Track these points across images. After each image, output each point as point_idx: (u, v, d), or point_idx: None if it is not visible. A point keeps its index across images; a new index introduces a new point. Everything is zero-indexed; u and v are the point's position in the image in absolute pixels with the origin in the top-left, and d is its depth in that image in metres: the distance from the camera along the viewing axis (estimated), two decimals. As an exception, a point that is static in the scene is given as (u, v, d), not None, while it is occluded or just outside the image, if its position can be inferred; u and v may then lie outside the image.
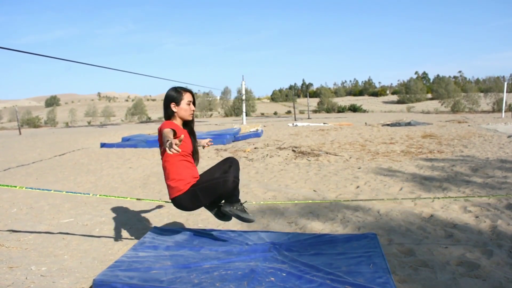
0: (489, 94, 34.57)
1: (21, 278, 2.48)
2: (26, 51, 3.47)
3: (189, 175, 2.61)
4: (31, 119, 36.57)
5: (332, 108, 41.15)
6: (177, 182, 2.58)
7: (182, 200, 2.60)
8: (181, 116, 2.64)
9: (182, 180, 2.58)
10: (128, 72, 13.39)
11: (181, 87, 2.65)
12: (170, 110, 2.62)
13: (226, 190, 2.52)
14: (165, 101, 2.63)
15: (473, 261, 2.54)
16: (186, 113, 2.63)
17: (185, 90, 2.64)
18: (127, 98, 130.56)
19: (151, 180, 5.92)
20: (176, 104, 2.60)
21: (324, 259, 2.46)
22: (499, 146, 8.29)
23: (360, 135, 11.46)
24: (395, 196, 4.38)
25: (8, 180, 6.21)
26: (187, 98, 2.62)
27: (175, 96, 2.60)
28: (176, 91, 2.62)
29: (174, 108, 2.61)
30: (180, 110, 2.61)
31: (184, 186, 2.58)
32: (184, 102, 2.60)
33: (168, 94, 2.63)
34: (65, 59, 4.37)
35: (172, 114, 2.63)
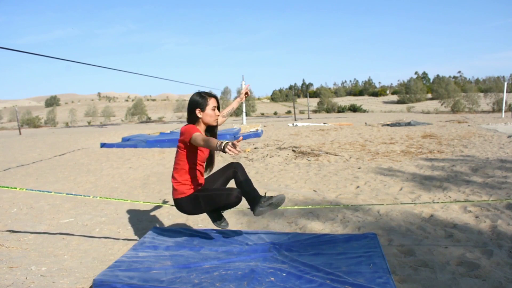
0: (489, 94, 34.58)
1: (21, 278, 2.48)
2: (26, 51, 3.47)
3: (195, 183, 2.62)
4: (31, 119, 36.58)
5: (332, 108, 41.16)
6: (181, 185, 2.59)
7: (184, 203, 2.62)
8: (205, 122, 2.60)
9: (186, 185, 2.59)
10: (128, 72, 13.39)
11: (205, 92, 2.61)
12: (194, 115, 2.57)
13: (228, 204, 2.54)
14: (190, 106, 2.59)
15: (473, 261, 2.54)
16: (211, 118, 2.59)
17: (210, 96, 2.60)
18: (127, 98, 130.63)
19: (151, 180, 5.92)
20: (201, 110, 2.56)
21: (324, 259, 2.46)
22: (499, 146, 8.29)
23: (360, 135, 11.46)
24: (395, 196, 4.38)
25: (8, 180, 6.21)
26: (212, 103, 2.58)
27: (200, 102, 2.56)
28: (201, 97, 2.57)
29: (199, 114, 2.56)
30: (205, 116, 2.57)
31: (187, 190, 2.60)
32: (209, 108, 2.57)
33: (193, 100, 2.58)
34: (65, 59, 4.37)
35: (197, 119, 2.59)
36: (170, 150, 9.32)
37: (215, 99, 2.62)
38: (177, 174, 2.60)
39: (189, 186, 2.60)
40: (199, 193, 2.59)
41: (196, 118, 2.58)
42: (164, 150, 9.49)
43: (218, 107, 2.63)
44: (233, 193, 2.50)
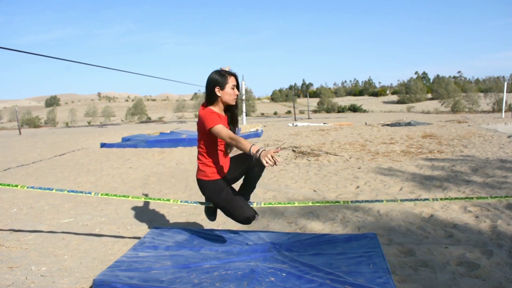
0: (489, 94, 34.56)
1: (21, 278, 2.48)
2: (26, 51, 3.47)
3: (218, 166, 2.60)
4: (31, 119, 36.57)
5: (332, 108, 41.15)
6: (206, 167, 2.59)
7: (205, 186, 2.64)
8: (224, 101, 2.51)
9: (211, 168, 2.59)
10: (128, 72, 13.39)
11: (224, 70, 2.53)
12: (214, 94, 2.49)
13: (235, 219, 2.54)
14: (209, 85, 2.50)
15: (473, 261, 2.54)
16: (230, 97, 2.51)
17: (229, 74, 2.51)
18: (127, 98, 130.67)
19: (151, 180, 5.92)
20: (220, 88, 2.47)
21: (324, 259, 2.46)
22: (499, 146, 8.29)
23: (360, 135, 11.47)
24: (395, 196, 4.38)
25: (8, 180, 6.21)
26: (232, 82, 2.50)
27: (219, 80, 2.47)
28: (221, 75, 2.48)
29: (218, 93, 2.48)
30: (224, 95, 2.49)
31: (211, 174, 2.59)
32: (229, 86, 2.48)
33: (212, 78, 2.49)
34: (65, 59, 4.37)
35: (216, 98, 2.50)
36: (170, 150, 9.33)
37: (235, 78, 2.53)
38: (201, 156, 2.60)
39: (213, 169, 2.58)
40: (221, 188, 2.58)
41: (216, 97, 2.50)
42: (164, 150, 9.49)
43: (237, 86, 2.55)
44: (246, 213, 2.47)
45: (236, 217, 2.52)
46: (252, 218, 2.51)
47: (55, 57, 4.03)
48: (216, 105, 2.54)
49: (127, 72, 9.43)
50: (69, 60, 4.03)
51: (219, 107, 2.55)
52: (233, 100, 2.53)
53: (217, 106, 2.54)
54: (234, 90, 2.51)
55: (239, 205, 2.51)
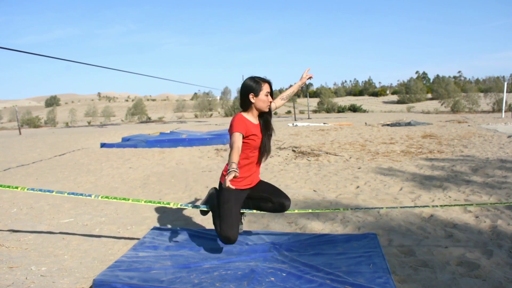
0: (489, 94, 34.51)
1: (21, 278, 2.48)
2: (26, 51, 3.47)
3: (243, 178, 2.59)
4: (31, 119, 36.54)
5: (332, 108, 41.12)
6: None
7: (220, 187, 2.65)
8: (258, 107, 2.53)
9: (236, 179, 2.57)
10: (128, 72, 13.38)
11: (259, 77, 2.54)
12: (248, 101, 2.51)
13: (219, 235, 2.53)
14: (243, 91, 2.52)
15: (473, 261, 2.54)
16: (264, 104, 2.52)
17: (264, 81, 2.53)
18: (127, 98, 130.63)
19: (151, 180, 5.92)
20: (254, 95, 2.50)
21: (324, 259, 2.46)
22: (499, 146, 8.29)
23: (360, 135, 11.46)
24: (395, 196, 4.38)
25: (8, 180, 6.21)
26: (266, 89, 2.51)
27: (254, 87, 2.49)
28: (255, 82, 2.50)
29: (252, 99, 2.50)
30: (258, 101, 2.51)
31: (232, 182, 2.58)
32: (263, 93, 2.50)
33: (247, 84, 2.51)
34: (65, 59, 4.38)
35: (250, 105, 2.53)
36: (170, 150, 9.33)
37: (269, 85, 2.54)
38: (225, 172, 2.59)
39: (234, 181, 2.55)
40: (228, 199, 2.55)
41: (249, 104, 2.52)
42: (164, 150, 9.49)
43: (271, 93, 2.57)
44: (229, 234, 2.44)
45: (220, 230, 2.50)
46: (233, 241, 2.47)
47: (55, 57, 4.03)
48: (249, 111, 2.55)
49: (127, 72, 9.46)
50: (69, 60, 4.04)
51: (253, 114, 2.56)
52: (267, 107, 2.55)
53: (250, 112, 2.55)
54: (267, 97, 2.53)
55: (230, 223, 2.47)
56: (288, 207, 2.63)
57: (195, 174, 6.26)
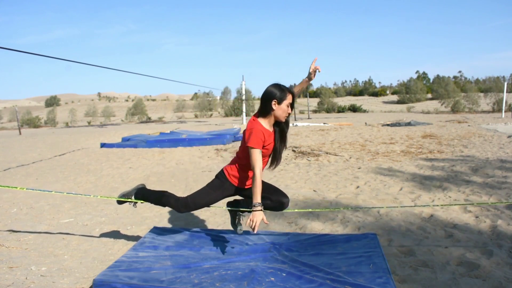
0: (489, 94, 34.50)
1: (21, 278, 2.48)
2: (26, 51, 3.47)
3: (245, 179, 2.64)
4: (31, 119, 36.53)
5: (332, 108, 41.12)
6: (236, 173, 2.60)
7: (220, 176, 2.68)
8: (277, 116, 2.49)
9: (238, 177, 2.61)
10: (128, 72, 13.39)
11: (285, 86, 2.50)
12: (269, 106, 2.46)
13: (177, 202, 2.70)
14: (267, 96, 2.47)
15: (473, 261, 2.54)
16: (283, 114, 2.49)
17: (289, 91, 2.49)
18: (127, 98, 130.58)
19: (151, 180, 5.92)
20: (277, 103, 2.45)
21: (324, 259, 2.46)
22: (499, 146, 8.29)
23: (360, 135, 11.46)
24: (395, 196, 4.38)
25: (8, 180, 6.21)
26: (289, 99, 2.48)
27: (278, 95, 2.44)
28: (281, 89, 2.46)
29: (274, 106, 2.45)
30: (278, 110, 2.46)
31: (234, 178, 2.61)
32: (285, 103, 2.47)
33: (272, 91, 2.46)
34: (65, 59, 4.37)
35: (270, 111, 2.48)
36: (170, 150, 9.33)
37: (292, 96, 2.51)
38: (237, 163, 2.60)
39: (240, 178, 2.60)
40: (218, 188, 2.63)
41: (270, 110, 2.48)
42: (164, 150, 9.49)
43: (292, 105, 2.54)
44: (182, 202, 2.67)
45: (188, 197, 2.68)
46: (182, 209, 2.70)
47: (55, 57, 4.03)
48: (267, 118, 2.52)
49: (127, 72, 9.45)
50: (69, 60, 4.04)
51: (269, 121, 2.53)
52: (284, 117, 2.53)
53: (267, 119, 2.52)
54: (288, 108, 2.50)
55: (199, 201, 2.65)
56: (287, 205, 2.63)
57: (195, 174, 6.26)
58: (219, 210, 4.03)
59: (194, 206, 2.68)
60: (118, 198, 2.89)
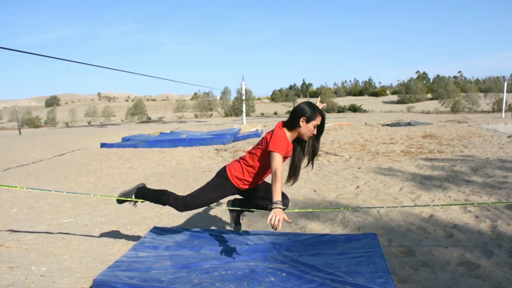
0: (489, 94, 34.52)
1: (21, 278, 2.48)
2: (26, 51, 3.47)
3: (249, 183, 2.61)
4: (31, 119, 36.53)
5: (332, 108, 41.14)
6: (240, 175, 2.58)
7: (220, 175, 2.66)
8: (301, 133, 2.50)
9: (243, 179, 2.59)
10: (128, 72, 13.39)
11: (317, 107, 2.52)
12: (297, 122, 2.47)
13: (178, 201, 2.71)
14: (297, 112, 2.48)
15: (473, 261, 2.54)
16: (308, 133, 2.50)
17: (320, 113, 2.50)
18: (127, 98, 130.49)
19: (151, 180, 5.92)
20: (305, 121, 2.46)
21: (324, 259, 2.46)
22: (499, 146, 8.29)
23: (360, 135, 11.46)
24: (395, 196, 4.38)
25: (8, 180, 6.21)
26: (317, 121, 2.49)
27: (309, 114, 2.45)
28: (313, 109, 2.47)
29: (301, 123, 2.46)
30: (304, 128, 2.48)
31: (237, 180, 2.59)
32: (313, 124, 2.48)
33: (303, 108, 2.48)
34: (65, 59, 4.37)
35: (296, 127, 2.48)
36: (170, 150, 9.33)
37: (322, 119, 2.52)
38: (245, 166, 2.57)
39: (244, 181, 2.58)
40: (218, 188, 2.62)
41: (296, 126, 2.48)
42: (164, 150, 9.49)
43: (321, 128, 2.55)
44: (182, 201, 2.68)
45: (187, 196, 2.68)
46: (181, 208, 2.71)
47: (55, 57, 4.03)
48: (292, 131, 2.52)
49: (127, 72, 9.45)
50: (69, 60, 4.03)
51: (293, 135, 2.54)
52: (308, 136, 2.54)
53: (291, 132, 2.53)
54: (314, 129, 2.51)
55: (199, 201, 2.66)
56: (287, 206, 2.63)
57: (195, 174, 6.26)
58: (219, 210, 4.03)
59: (194, 206, 2.69)
60: (118, 198, 2.90)
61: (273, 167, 2.32)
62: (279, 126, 2.52)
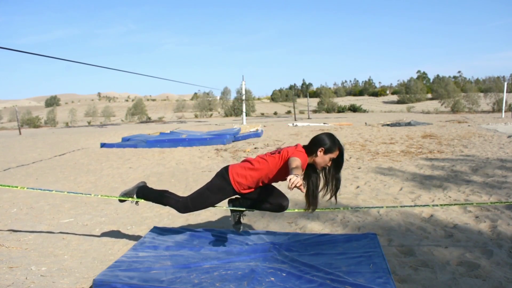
0: (489, 94, 34.56)
1: (21, 278, 2.48)
2: (26, 51, 3.47)
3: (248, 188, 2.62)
4: (31, 119, 36.54)
5: (332, 108, 41.17)
6: (243, 180, 2.57)
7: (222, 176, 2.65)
8: (316, 162, 2.54)
9: (244, 184, 2.59)
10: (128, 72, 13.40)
11: (338, 141, 2.54)
12: (315, 150, 2.51)
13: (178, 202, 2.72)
14: (318, 142, 2.52)
15: (473, 261, 2.54)
16: (322, 163, 2.54)
17: (339, 147, 2.53)
18: (127, 98, 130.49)
19: (151, 180, 5.92)
20: (323, 152, 2.50)
21: (324, 259, 2.46)
22: (499, 146, 8.29)
23: (360, 135, 11.46)
24: (395, 196, 4.38)
25: (8, 180, 6.21)
26: (335, 155, 2.53)
27: (328, 146, 2.49)
28: (334, 143, 2.51)
29: (319, 153, 2.51)
30: (320, 158, 2.52)
31: (237, 185, 2.59)
32: (330, 156, 2.52)
33: (324, 139, 2.51)
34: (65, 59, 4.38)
35: (313, 154, 2.53)
36: (170, 150, 9.33)
37: (340, 153, 2.55)
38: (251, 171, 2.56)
39: (244, 185, 2.59)
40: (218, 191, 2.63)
41: (314, 153, 2.52)
42: (164, 150, 9.49)
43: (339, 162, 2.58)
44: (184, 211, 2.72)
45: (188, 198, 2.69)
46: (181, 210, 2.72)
47: (55, 57, 4.04)
48: (309, 157, 2.55)
49: (127, 72, 9.46)
50: (69, 60, 4.04)
51: (309, 160, 2.57)
52: (321, 167, 2.58)
53: (308, 157, 2.55)
54: (329, 161, 2.55)
55: (198, 203, 2.67)
56: (286, 208, 2.64)
57: (195, 174, 6.26)
58: (219, 210, 4.03)
59: (194, 208, 2.70)
60: (119, 197, 2.90)
61: (293, 164, 2.28)
62: (300, 147, 2.55)
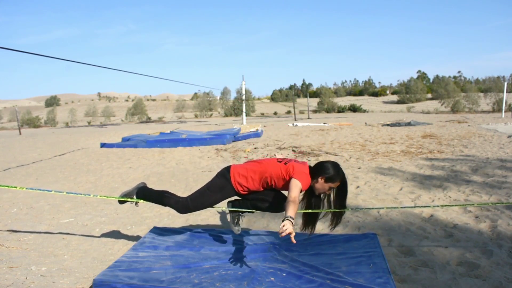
0: (489, 94, 34.54)
1: (21, 278, 2.48)
2: (26, 51, 3.47)
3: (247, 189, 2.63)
4: (31, 119, 36.53)
5: (332, 108, 41.16)
6: (244, 181, 2.59)
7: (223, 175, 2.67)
8: (315, 187, 2.56)
9: (245, 186, 2.60)
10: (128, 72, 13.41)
11: (342, 172, 2.55)
12: (317, 176, 2.52)
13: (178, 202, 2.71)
14: (321, 169, 2.53)
15: (473, 261, 2.54)
16: (320, 190, 2.56)
17: (341, 178, 2.54)
18: (127, 98, 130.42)
19: (151, 180, 5.91)
20: (325, 180, 2.51)
21: (324, 259, 2.46)
22: (499, 146, 8.29)
23: (360, 135, 11.46)
24: (395, 196, 4.38)
25: (8, 180, 6.21)
26: (335, 185, 2.53)
27: (331, 176, 2.49)
28: (337, 174, 2.51)
29: (320, 180, 2.52)
30: (320, 185, 2.53)
31: (238, 186, 2.60)
32: (330, 185, 2.53)
33: (328, 168, 2.52)
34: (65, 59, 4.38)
35: (315, 179, 2.53)
36: (170, 150, 9.33)
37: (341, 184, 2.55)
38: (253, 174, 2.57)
39: (244, 187, 2.60)
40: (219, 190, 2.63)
41: (315, 179, 2.53)
42: (164, 150, 9.49)
43: (339, 190, 2.59)
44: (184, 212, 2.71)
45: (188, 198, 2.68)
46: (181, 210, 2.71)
47: (55, 57, 4.04)
48: (311, 180, 2.55)
49: (127, 72, 9.46)
50: (69, 60, 4.04)
51: (310, 183, 2.57)
52: (319, 193, 2.59)
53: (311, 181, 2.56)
54: (329, 190, 2.56)
55: (198, 203, 2.67)
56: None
57: (195, 174, 6.26)
58: (219, 210, 4.03)
59: (195, 208, 2.70)
60: (119, 198, 2.90)
61: (292, 194, 2.32)
62: (307, 167, 2.55)
